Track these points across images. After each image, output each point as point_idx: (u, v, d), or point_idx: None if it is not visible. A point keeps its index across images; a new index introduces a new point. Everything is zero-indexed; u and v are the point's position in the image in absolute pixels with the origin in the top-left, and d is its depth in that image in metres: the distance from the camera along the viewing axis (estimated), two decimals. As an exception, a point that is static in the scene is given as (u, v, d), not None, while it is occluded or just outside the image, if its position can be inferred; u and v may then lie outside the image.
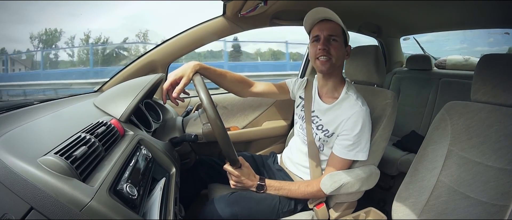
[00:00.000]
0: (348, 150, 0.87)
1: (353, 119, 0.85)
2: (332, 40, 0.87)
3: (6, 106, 0.67)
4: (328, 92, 0.96)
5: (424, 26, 1.90)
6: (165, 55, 1.22)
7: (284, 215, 0.92)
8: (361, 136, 0.85)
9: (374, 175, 0.95)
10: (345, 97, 0.91)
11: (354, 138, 0.85)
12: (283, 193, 0.91)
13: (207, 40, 1.28)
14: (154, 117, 1.02)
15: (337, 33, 0.87)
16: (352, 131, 0.85)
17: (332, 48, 0.87)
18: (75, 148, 0.47)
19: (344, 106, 0.90)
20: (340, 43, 0.88)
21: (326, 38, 0.87)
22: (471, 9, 1.41)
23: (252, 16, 1.19)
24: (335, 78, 0.94)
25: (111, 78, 1.17)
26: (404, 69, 2.14)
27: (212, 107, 0.73)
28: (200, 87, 0.77)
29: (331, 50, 0.87)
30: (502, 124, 0.72)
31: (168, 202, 0.62)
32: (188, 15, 14.99)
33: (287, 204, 0.92)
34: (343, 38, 0.90)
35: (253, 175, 0.91)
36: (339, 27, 0.88)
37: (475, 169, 0.75)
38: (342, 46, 0.89)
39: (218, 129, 0.73)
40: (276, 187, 0.91)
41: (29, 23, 14.36)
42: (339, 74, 0.95)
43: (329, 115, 0.93)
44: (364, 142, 0.87)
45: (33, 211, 0.37)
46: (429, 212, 0.80)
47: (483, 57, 0.78)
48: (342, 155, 0.88)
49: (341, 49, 0.89)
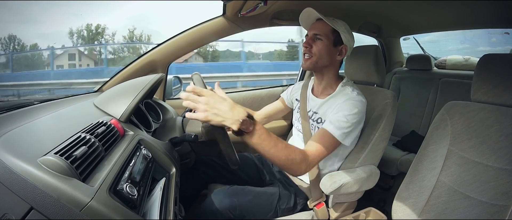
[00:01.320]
0: (337, 127, 0.81)
1: (349, 102, 0.84)
2: (317, 39, 0.90)
3: (6, 106, 0.67)
4: (323, 90, 0.97)
5: (424, 26, 1.90)
6: (165, 55, 1.22)
7: (282, 212, 0.92)
8: (354, 119, 0.82)
9: (374, 175, 0.95)
10: (341, 90, 0.92)
11: (347, 117, 0.82)
12: (266, 147, 0.68)
13: (207, 40, 1.28)
14: (154, 117, 1.02)
15: (323, 32, 0.89)
16: (345, 110, 0.82)
17: (314, 46, 0.90)
18: (75, 148, 0.47)
19: (339, 96, 0.91)
20: (326, 42, 0.89)
21: (311, 37, 0.91)
22: (471, 9, 1.41)
23: (252, 16, 1.19)
24: (329, 76, 0.95)
25: (111, 78, 1.17)
26: (404, 69, 2.14)
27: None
28: (200, 87, 0.77)
29: (313, 48, 0.90)
30: (502, 124, 0.72)
31: (168, 202, 0.62)
32: (191, 15, 15.01)
33: (286, 201, 0.92)
34: (333, 38, 0.90)
35: (235, 104, 0.65)
36: (328, 27, 0.89)
37: (475, 169, 0.74)
38: (329, 45, 0.90)
39: (217, 128, 0.73)
40: (264, 133, 0.68)
41: (32, 23, 14.38)
42: (332, 72, 0.95)
43: (325, 107, 0.94)
44: (354, 127, 0.83)
45: (33, 211, 0.37)
46: (429, 212, 0.80)
47: (483, 57, 0.78)
48: (330, 129, 0.81)
49: (326, 48, 0.90)
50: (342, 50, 0.93)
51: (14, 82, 6.06)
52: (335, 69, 0.95)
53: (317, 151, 0.79)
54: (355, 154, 0.96)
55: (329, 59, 0.92)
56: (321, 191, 0.90)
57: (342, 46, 0.92)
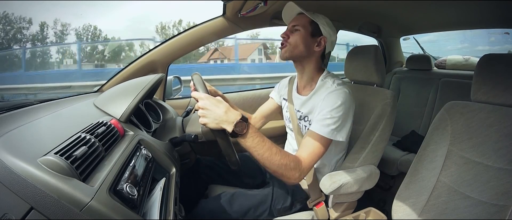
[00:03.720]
0: (324, 125, 0.78)
1: (330, 96, 0.83)
2: (295, 30, 0.91)
3: (6, 106, 0.67)
4: (306, 86, 0.97)
5: (424, 26, 1.90)
6: (165, 55, 1.22)
7: (279, 212, 0.92)
8: (338, 112, 0.79)
9: (374, 175, 0.95)
10: (321, 85, 0.91)
11: (331, 112, 0.79)
12: (260, 150, 0.69)
13: (207, 40, 1.28)
14: (154, 117, 1.02)
15: (301, 23, 0.90)
16: (328, 106, 0.80)
17: (291, 36, 0.90)
18: (75, 148, 0.47)
19: (320, 91, 0.90)
20: (303, 33, 0.89)
21: (289, 28, 0.92)
22: (471, 9, 1.41)
23: (252, 16, 1.19)
24: (309, 68, 0.93)
25: (111, 79, 1.17)
26: (404, 69, 2.14)
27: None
28: (200, 87, 0.77)
29: (289, 38, 0.90)
30: (502, 124, 0.72)
31: (168, 202, 0.62)
32: (193, 15, 15.12)
33: (282, 200, 0.92)
34: (311, 28, 0.90)
35: (230, 108, 0.67)
36: (307, 19, 0.90)
37: (475, 169, 0.75)
38: (306, 36, 0.89)
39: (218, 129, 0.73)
40: (259, 137, 0.69)
41: (34, 22, 14.41)
42: (312, 65, 0.93)
43: (308, 105, 0.93)
44: (342, 120, 0.80)
45: (33, 211, 0.37)
46: (429, 212, 0.80)
47: (483, 57, 0.78)
48: (316, 129, 0.79)
49: (302, 37, 0.89)
50: (321, 42, 0.90)
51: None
52: (315, 62, 0.93)
53: (309, 155, 0.78)
54: (355, 154, 0.96)
55: (306, 49, 0.90)
56: (320, 190, 0.90)
57: (321, 38, 0.90)
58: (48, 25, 8.73)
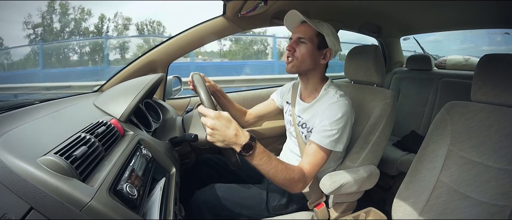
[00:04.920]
0: (324, 136, 0.82)
1: (332, 108, 0.84)
2: (301, 42, 0.89)
3: (6, 106, 0.67)
4: (309, 94, 0.97)
5: (424, 26, 1.90)
6: (165, 55, 1.22)
7: (275, 209, 0.91)
8: (339, 124, 0.82)
9: (374, 175, 0.95)
10: (324, 94, 0.92)
11: (331, 124, 0.82)
12: (266, 168, 0.71)
13: (207, 40, 1.28)
14: (154, 116, 1.02)
15: (307, 35, 0.89)
16: (329, 118, 0.83)
17: (298, 49, 0.89)
18: (75, 148, 0.47)
19: (322, 101, 0.91)
20: (310, 46, 0.88)
21: (295, 40, 0.91)
22: (471, 9, 1.41)
23: (252, 16, 1.19)
24: (314, 79, 0.94)
25: (111, 78, 1.17)
26: (404, 69, 2.14)
27: (212, 107, 0.73)
28: (200, 87, 0.77)
29: (296, 52, 0.89)
30: (502, 124, 0.72)
31: (168, 202, 0.62)
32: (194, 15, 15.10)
33: (277, 198, 0.92)
34: (317, 41, 0.89)
35: (239, 129, 0.68)
36: (313, 30, 0.89)
37: (475, 169, 0.75)
38: (313, 49, 0.89)
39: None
40: (266, 156, 0.71)
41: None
42: (317, 75, 0.94)
43: (309, 112, 0.94)
44: (342, 132, 0.83)
45: (33, 211, 0.37)
46: (429, 212, 0.80)
47: (483, 57, 0.78)
48: (318, 140, 0.82)
49: (310, 52, 0.89)
50: (327, 54, 0.91)
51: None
52: (320, 73, 0.94)
53: (312, 166, 0.81)
54: (355, 154, 0.96)
55: (313, 63, 0.90)
56: (321, 192, 0.90)
57: (327, 50, 0.91)
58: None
